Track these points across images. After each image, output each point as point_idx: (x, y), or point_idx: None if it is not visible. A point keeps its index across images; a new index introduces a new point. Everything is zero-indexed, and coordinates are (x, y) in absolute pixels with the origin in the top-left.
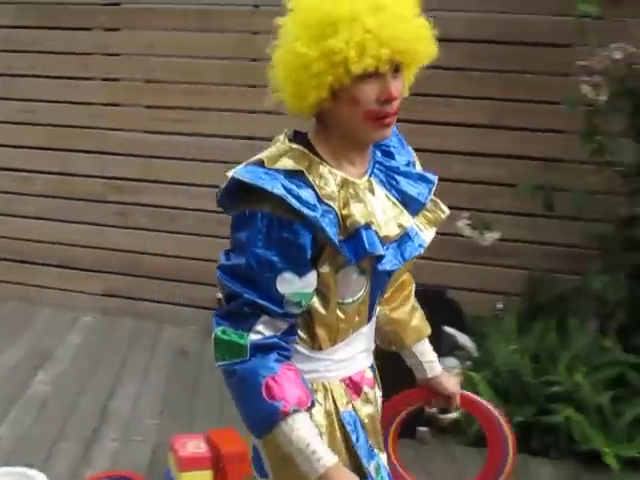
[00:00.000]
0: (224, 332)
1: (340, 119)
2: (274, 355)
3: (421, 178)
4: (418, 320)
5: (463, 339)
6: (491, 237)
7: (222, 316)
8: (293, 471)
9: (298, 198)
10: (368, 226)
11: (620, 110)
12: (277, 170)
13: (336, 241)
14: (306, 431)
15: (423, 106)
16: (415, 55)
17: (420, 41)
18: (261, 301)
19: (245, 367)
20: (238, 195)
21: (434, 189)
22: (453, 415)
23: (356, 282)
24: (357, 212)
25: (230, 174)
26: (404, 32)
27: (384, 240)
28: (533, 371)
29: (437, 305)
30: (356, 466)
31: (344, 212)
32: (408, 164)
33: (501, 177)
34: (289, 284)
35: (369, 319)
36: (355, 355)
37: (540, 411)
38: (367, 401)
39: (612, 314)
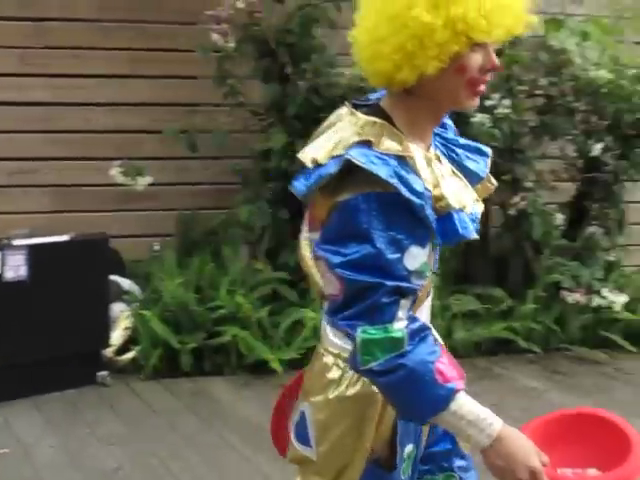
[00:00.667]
0: (366, 332)
1: (440, 88)
2: (429, 336)
3: (478, 151)
4: None
5: (127, 284)
6: (144, 182)
7: (354, 317)
8: None
9: (408, 186)
10: (461, 209)
11: (247, 55)
12: (388, 154)
13: (434, 226)
14: (471, 402)
15: (58, 59)
16: (522, 26)
17: (525, 14)
18: (399, 283)
19: (412, 358)
20: (343, 178)
21: (489, 162)
22: (129, 355)
23: (433, 254)
24: (449, 195)
25: (344, 157)
26: (519, 4)
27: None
28: (198, 300)
29: (99, 255)
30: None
31: (435, 193)
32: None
33: (145, 125)
34: (415, 258)
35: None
36: None
37: (209, 335)
38: None
39: (260, 239)
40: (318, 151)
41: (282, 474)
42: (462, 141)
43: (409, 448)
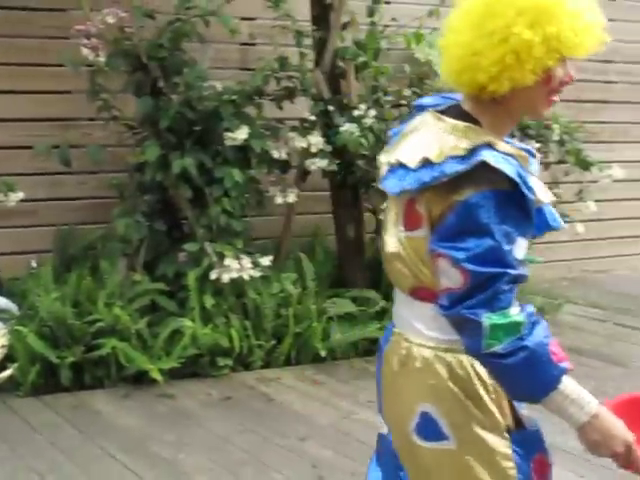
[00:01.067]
0: (490, 318)
1: (526, 98)
2: (542, 320)
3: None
4: None
5: (3, 302)
6: (16, 198)
7: (477, 306)
8: None
9: (526, 184)
10: (548, 203)
11: (118, 69)
12: (509, 154)
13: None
14: (573, 382)
15: None
16: (600, 44)
17: (603, 33)
18: (517, 272)
19: (531, 340)
20: (460, 177)
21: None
22: (7, 373)
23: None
24: (538, 190)
25: (479, 158)
26: (600, 25)
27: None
28: (76, 314)
29: None
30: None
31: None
32: None
33: (18, 140)
34: (520, 248)
35: None
36: None
37: (88, 348)
38: None
39: (137, 251)
40: (425, 151)
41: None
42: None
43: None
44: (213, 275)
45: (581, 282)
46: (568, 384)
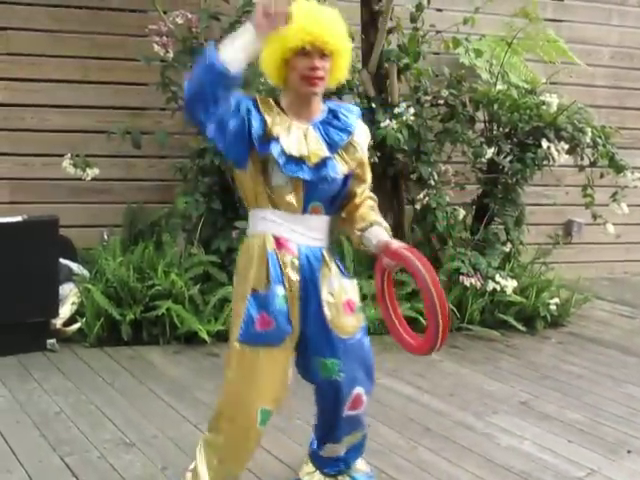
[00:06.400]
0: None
1: (291, 81)
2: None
3: (344, 130)
4: (365, 211)
5: (76, 267)
6: (92, 173)
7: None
8: None
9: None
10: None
11: (186, 64)
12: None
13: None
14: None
15: (16, 65)
16: (325, 45)
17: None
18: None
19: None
20: None
21: (350, 137)
22: (75, 326)
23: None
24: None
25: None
26: (317, 28)
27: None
28: (138, 278)
29: (49, 235)
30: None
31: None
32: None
33: (94, 126)
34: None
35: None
36: None
37: (147, 308)
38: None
39: (195, 227)
40: None
41: (196, 418)
42: (335, 123)
43: (280, 289)
44: None
45: (620, 282)
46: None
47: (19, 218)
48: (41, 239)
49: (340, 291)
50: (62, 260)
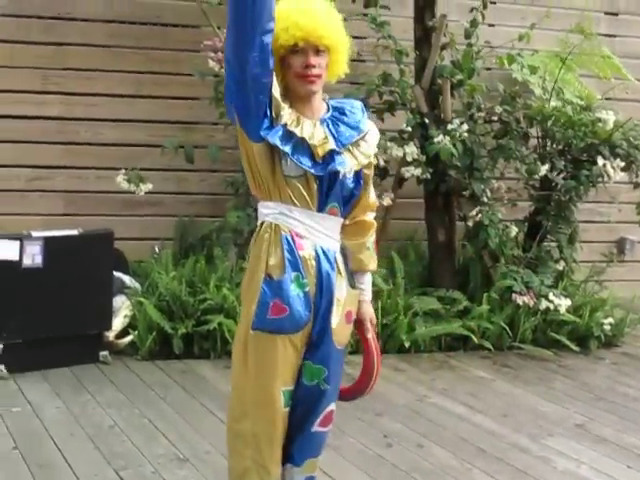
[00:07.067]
0: None
1: (287, 79)
2: None
3: (355, 128)
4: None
5: (128, 280)
6: (146, 188)
7: None
8: None
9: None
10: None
11: None
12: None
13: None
14: None
15: (74, 79)
16: (319, 40)
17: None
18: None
19: None
20: None
21: (361, 135)
22: (128, 339)
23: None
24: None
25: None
26: (310, 23)
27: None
28: (189, 292)
29: (104, 248)
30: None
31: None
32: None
33: (148, 139)
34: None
35: None
36: None
37: (198, 322)
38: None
39: (247, 241)
40: None
41: None
42: (346, 120)
43: (294, 274)
44: None
45: None
46: None
47: (75, 231)
48: (96, 252)
49: (346, 299)
50: (114, 273)
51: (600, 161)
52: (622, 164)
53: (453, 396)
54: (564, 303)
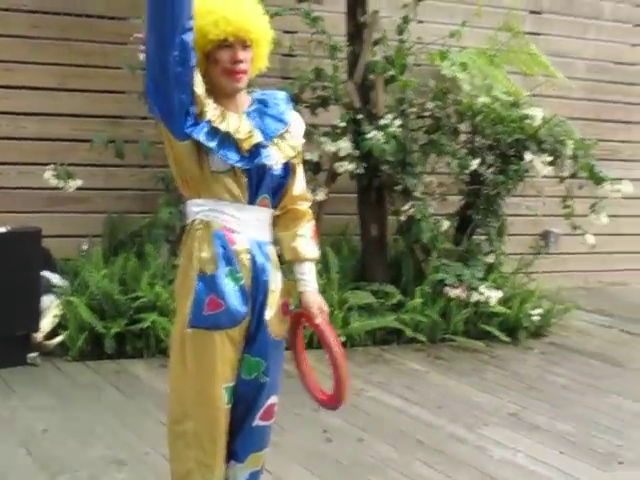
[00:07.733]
0: None
1: (212, 74)
2: None
3: (279, 120)
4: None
5: (56, 278)
6: (75, 184)
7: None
8: None
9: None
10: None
11: None
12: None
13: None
14: None
15: None
16: (247, 34)
17: (249, 26)
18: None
19: None
20: None
21: (287, 127)
22: (58, 339)
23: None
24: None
25: None
26: (239, 17)
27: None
28: (121, 291)
29: (32, 246)
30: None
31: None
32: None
33: (73, 134)
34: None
35: None
36: None
37: (131, 321)
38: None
39: (179, 237)
40: None
41: None
42: (270, 112)
43: (227, 268)
44: None
45: (596, 292)
46: None
47: (2, 229)
48: (23, 250)
49: (281, 291)
50: (42, 272)
51: (528, 156)
52: (549, 159)
53: (389, 389)
54: (494, 295)
